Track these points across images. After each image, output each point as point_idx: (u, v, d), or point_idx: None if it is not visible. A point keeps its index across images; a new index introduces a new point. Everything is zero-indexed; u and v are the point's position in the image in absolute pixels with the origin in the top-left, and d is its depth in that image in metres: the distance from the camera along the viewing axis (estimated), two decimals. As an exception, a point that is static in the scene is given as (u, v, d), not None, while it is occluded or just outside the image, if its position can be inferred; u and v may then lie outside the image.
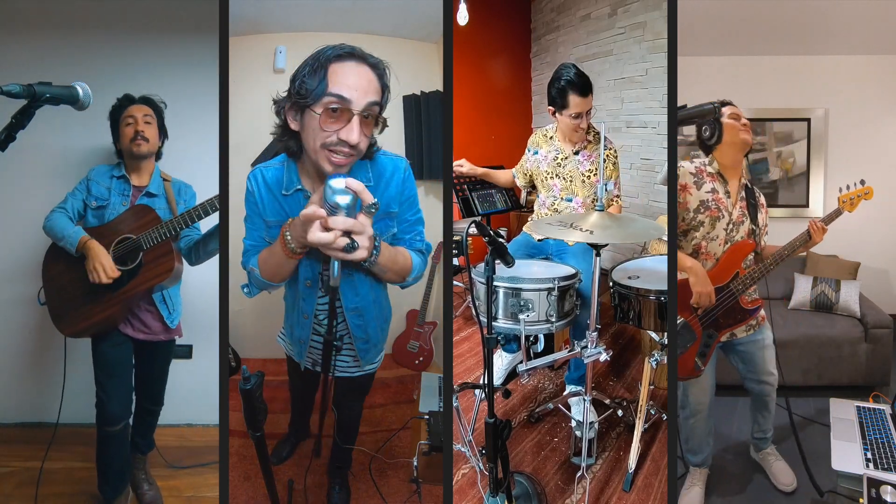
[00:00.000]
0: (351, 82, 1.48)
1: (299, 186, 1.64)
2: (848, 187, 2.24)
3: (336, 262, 1.44)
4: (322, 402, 1.83)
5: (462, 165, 2.91)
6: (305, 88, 1.48)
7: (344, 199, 1.34)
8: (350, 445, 2.11)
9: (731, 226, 2.16)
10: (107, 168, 2.36)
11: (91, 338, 2.26)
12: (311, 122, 1.49)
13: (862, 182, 2.23)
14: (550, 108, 2.51)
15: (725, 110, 2.12)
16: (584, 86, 2.40)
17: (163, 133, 2.40)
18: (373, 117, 1.53)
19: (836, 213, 2.24)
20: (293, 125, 1.55)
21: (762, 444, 2.52)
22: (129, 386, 2.33)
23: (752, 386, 2.39)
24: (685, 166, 2.18)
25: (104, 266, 2.13)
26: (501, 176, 2.94)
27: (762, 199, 2.27)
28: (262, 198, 1.65)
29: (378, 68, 1.55)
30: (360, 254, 1.38)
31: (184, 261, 2.29)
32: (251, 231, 1.71)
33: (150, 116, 2.33)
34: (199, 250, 2.27)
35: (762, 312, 2.27)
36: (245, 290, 1.74)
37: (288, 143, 1.60)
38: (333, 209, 1.34)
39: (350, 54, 1.51)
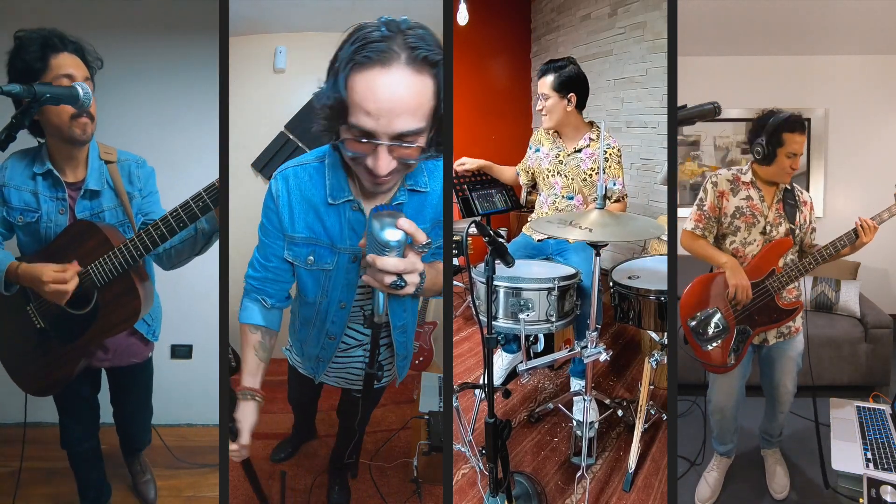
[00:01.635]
0: (372, 107, 1.15)
1: (350, 196, 1.40)
2: None
3: (381, 296, 1.33)
4: (360, 419, 1.69)
5: (464, 163, 2.92)
6: (325, 105, 1.21)
7: (395, 236, 1.21)
8: (353, 453, 2.09)
9: (767, 228, 2.18)
10: (22, 163, 1.73)
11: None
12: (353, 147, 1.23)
13: None
14: None
15: (783, 150, 2.11)
16: (539, 71, 2.53)
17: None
18: (417, 141, 1.22)
19: None
20: (345, 128, 1.23)
21: (766, 444, 2.51)
22: (92, 413, 2.06)
23: (765, 390, 2.39)
24: (722, 174, 2.23)
25: (55, 278, 1.57)
26: (504, 170, 2.95)
27: (805, 197, 2.26)
28: (293, 207, 1.40)
29: (429, 64, 1.17)
30: (408, 290, 1.26)
31: (154, 269, 1.89)
32: (264, 247, 1.48)
33: (89, 80, 1.71)
34: (171, 258, 1.80)
35: (797, 323, 2.26)
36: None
37: (330, 135, 1.28)
38: (383, 248, 1.21)
39: (379, 58, 1.12)
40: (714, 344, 2.17)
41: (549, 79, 2.48)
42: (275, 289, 1.54)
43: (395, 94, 1.15)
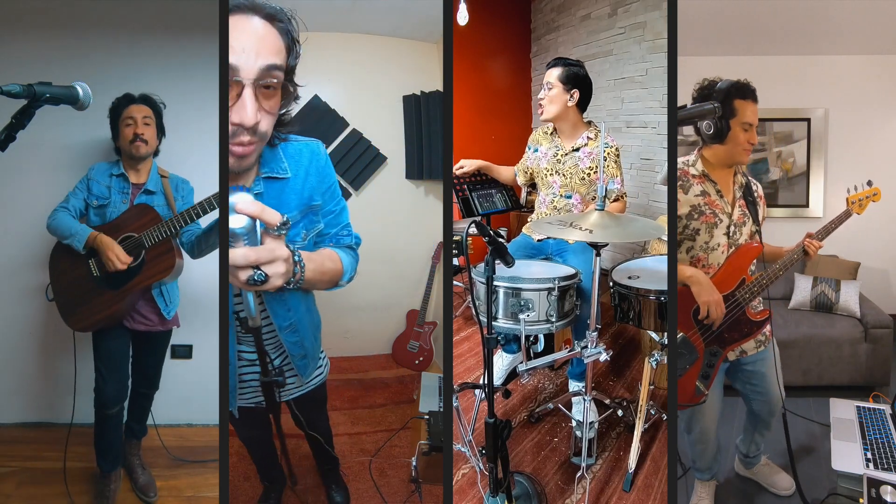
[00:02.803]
0: (236, 44, 1.19)
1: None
2: (856, 188, 2.13)
3: (249, 296, 1.23)
4: (280, 440, 1.66)
5: (462, 167, 2.92)
6: None
7: (237, 223, 1.05)
8: (331, 453, 2.06)
9: (732, 229, 1.95)
10: (106, 166, 2.39)
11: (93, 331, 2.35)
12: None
13: (869, 183, 2.13)
14: None
15: (737, 121, 1.87)
16: (549, 63, 2.57)
17: (161, 132, 2.43)
18: (276, 87, 1.24)
19: (846, 215, 2.09)
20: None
21: (755, 461, 2.41)
22: (125, 373, 2.41)
23: (759, 407, 2.20)
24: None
25: (118, 255, 2.19)
26: (503, 170, 2.95)
27: (760, 191, 2.06)
28: None
29: (278, 20, 1.25)
30: (275, 282, 1.14)
31: (185, 255, 2.31)
32: None
33: (149, 118, 2.36)
34: (200, 244, 2.29)
35: (768, 328, 2.07)
36: None
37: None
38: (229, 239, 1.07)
39: (241, 8, 1.21)
40: (679, 374, 1.92)
41: (557, 70, 2.51)
42: None
43: (258, 33, 1.22)
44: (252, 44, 1.20)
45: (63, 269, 2.34)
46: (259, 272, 1.09)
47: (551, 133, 2.63)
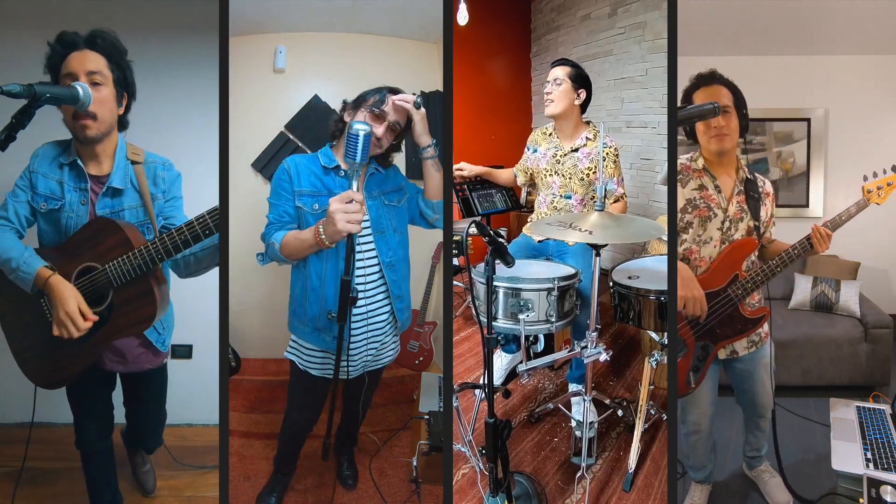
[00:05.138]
0: (391, 107, 1.89)
1: (337, 164, 1.89)
2: (874, 175, 2.02)
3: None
4: (335, 382, 1.78)
5: (462, 169, 2.91)
6: (375, 103, 1.88)
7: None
8: (357, 429, 2.19)
9: (726, 224, 1.94)
10: (53, 151, 1.76)
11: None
12: (359, 117, 1.87)
13: (894, 168, 2.00)
14: None
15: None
16: (556, 62, 2.61)
17: (124, 91, 1.79)
18: (395, 129, 1.91)
19: (860, 206, 1.99)
20: (347, 118, 1.91)
21: (755, 462, 2.39)
22: (107, 414, 2.00)
23: (746, 405, 2.22)
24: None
25: (73, 316, 1.57)
26: (502, 174, 2.95)
27: (767, 188, 2.02)
28: (300, 172, 1.86)
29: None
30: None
31: (169, 277, 1.86)
32: (276, 207, 1.85)
33: (99, 74, 1.71)
34: (191, 266, 1.79)
35: (766, 328, 2.04)
36: (259, 258, 1.84)
37: (337, 126, 1.94)
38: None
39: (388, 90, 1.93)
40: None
41: (567, 68, 2.54)
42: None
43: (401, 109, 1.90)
44: (398, 111, 1.87)
45: (9, 309, 1.77)
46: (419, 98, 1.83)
47: (550, 133, 2.64)
